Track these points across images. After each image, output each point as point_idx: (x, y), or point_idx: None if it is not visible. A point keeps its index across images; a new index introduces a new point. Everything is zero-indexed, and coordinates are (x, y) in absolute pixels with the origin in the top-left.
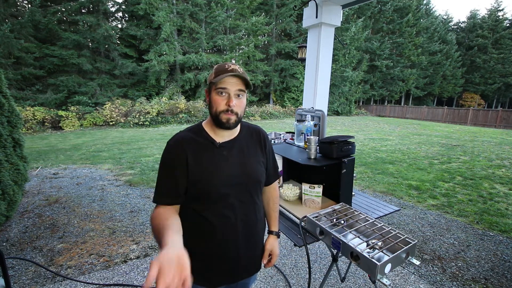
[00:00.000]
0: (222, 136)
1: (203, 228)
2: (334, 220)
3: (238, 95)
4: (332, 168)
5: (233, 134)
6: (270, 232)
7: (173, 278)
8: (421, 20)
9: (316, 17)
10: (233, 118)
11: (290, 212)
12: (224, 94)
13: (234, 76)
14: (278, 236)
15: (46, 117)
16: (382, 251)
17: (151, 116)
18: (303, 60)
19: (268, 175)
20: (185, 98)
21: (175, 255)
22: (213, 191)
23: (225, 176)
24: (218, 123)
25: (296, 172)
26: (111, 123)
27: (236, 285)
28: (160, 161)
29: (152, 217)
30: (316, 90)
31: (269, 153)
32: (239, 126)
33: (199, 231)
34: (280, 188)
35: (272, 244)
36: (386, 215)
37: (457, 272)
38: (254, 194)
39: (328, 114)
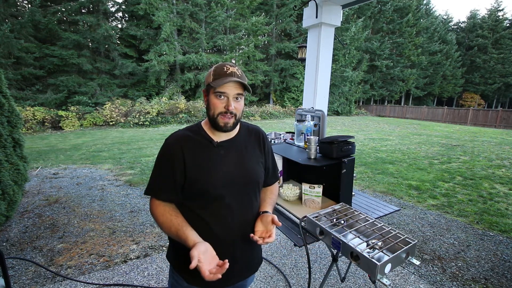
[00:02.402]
0: (220, 136)
1: (199, 228)
2: (334, 220)
3: (237, 98)
4: (332, 168)
5: (232, 134)
6: (263, 212)
7: (211, 264)
8: (421, 20)
9: (316, 17)
10: (231, 121)
11: (290, 212)
12: (223, 97)
13: (233, 81)
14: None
15: (46, 117)
16: (382, 251)
17: (151, 116)
18: (303, 60)
19: (267, 176)
20: (185, 98)
21: (207, 248)
22: (209, 190)
23: (222, 175)
24: (216, 126)
25: (296, 172)
26: (111, 123)
27: (233, 286)
28: (157, 157)
29: (156, 213)
30: (316, 90)
31: (268, 153)
32: (238, 126)
33: (195, 231)
34: (280, 188)
35: (265, 219)
36: (386, 215)
37: (457, 272)
38: (252, 195)
39: (328, 114)
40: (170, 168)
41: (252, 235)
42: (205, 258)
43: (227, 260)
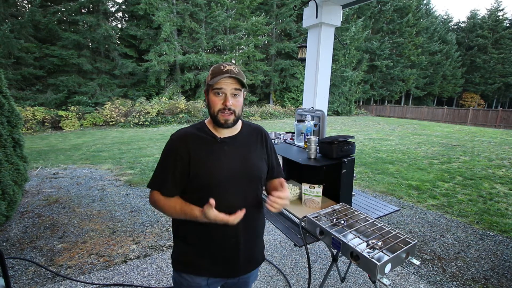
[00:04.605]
0: (223, 133)
1: (204, 222)
2: (334, 220)
3: (235, 95)
4: (332, 168)
5: (234, 131)
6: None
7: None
8: (421, 20)
9: (316, 17)
10: (231, 117)
11: (290, 212)
12: (220, 94)
13: (229, 77)
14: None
15: (46, 117)
16: (382, 251)
17: (151, 116)
18: (303, 60)
19: (273, 172)
20: (185, 98)
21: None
22: (213, 185)
23: (226, 170)
24: (217, 123)
25: (296, 172)
26: (111, 123)
27: (237, 281)
28: (162, 153)
29: (158, 201)
30: (316, 90)
31: (270, 150)
32: (240, 124)
33: (199, 224)
34: None
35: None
36: (386, 215)
37: (457, 272)
38: (255, 189)
39: (328, 114)
40: (174, 163)
41: (269, 197)
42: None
43: (238, 211)
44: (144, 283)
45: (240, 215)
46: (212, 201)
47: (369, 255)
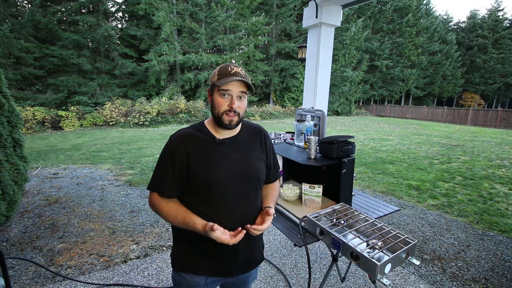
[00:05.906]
0: (222, 134)
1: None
2: (334, 220)
3: (240, 97)
4: (332, 168)
5: (234, 132)
6: (266, 207)
7: (226, 235)
8: (421, 20)
9: (316, 17)
10: (235, 119)
11: (290, 212)
12: (226, 96)
13: (237, 80)
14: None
15: (46, 117)
16: (382, 251)
17: (151, 116)
18: (303, 60)
19: (269, 173)
20: (185, 98)
21: (217, 226)
22: (212, 186)
23: (225, 171)
24: (220, 123)
25: (296, 172)
26: (111, 123)
27: (234, 281)
28: (161, 154)
29: (159, 206)
30: (316, 90)
31: (269, 151)
32: (240, 125)
33: None
34: (280, 188)
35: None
36: (386, 215)
37: (457, 272)
38: (253, 190)
39: (328, 114)
40: (173, 164)
41: (247, 225)
42: (220, 232)
43: (240, 228)
44: (144, 283)
45: (240, 235)
46: (216, 226)
47: (369, 255)
